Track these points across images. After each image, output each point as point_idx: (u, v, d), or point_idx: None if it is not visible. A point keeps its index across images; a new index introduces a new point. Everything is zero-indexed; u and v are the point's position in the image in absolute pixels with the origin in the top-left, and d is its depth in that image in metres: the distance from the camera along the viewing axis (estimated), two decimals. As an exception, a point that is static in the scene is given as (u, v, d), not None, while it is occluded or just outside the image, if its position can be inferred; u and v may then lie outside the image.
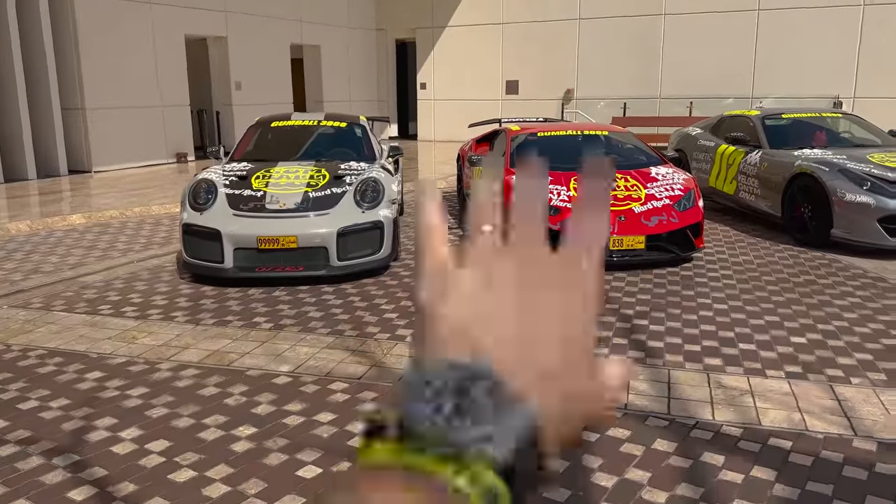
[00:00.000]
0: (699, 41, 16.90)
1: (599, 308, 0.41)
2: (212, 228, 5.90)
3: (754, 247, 7.30)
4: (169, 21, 14.47)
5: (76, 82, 13.01)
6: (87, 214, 9.01)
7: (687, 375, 4.07)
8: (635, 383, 3.95)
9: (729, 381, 3.99)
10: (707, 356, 4.35)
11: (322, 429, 3.45)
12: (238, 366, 4.26)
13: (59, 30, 12.81)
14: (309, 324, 5.01)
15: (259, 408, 3.69)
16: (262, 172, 6.60)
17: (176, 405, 3.74)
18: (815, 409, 3.64)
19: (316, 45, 18.68)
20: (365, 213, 6.13)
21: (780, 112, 8.90)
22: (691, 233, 6.52)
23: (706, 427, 3.46)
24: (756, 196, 8.17)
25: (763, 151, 8.16)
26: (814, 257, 6.82)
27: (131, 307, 5.45)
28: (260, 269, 5.89)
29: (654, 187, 6.72)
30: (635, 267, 6.44)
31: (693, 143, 9.77)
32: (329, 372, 4.14)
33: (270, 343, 4.64)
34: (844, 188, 6.83)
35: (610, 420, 0.44)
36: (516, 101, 19.10)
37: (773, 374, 4.07)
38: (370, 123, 9.86)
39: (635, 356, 4.36)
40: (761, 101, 16.08)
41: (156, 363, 4.33)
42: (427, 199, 0.44)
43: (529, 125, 8.42)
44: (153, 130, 14.44)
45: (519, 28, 18.84)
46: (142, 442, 3.36)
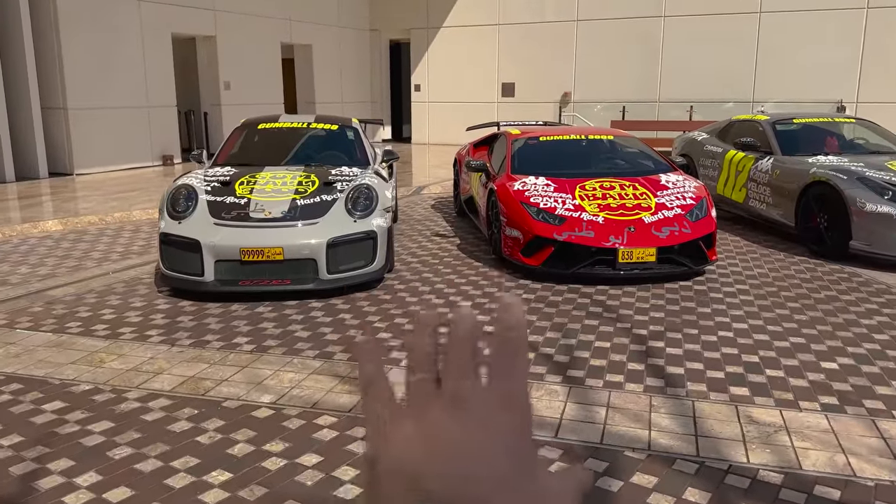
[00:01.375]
0: (699, 43, 16.56)
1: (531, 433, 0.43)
2: (191, 239, 5.47)
3: (768, 258, 6.92)
4: (156, 19, 14.02)
5: (58, 81, 12.54)
6: (63, 220, 8.56)
7: (713, 408, 3.67)
8: (657, 417, 3.55)
9: (760, 414, 3.60)
10: (732, 384, 3.96)
11: (306, 475, 3.03)
12: (214, 395, 3.84)
13: (39, 26, 12.34)
14: (295, 345, 4.59)
15: (235, 447, 3.27)
16: (247, 178, 6.17)
17: (142, 444, 3.31)
18: (861, 449, 3.25)
19: (307, 45, 18.25)
20: (357, 223, 5.71)
21: (790, 117, 8.54)
22: (704, 244, 6.14)
23: (741, 472, 3.06)
24: (767, 205, 7.79)
25: (775, 158, 7.79)
26: (832, 270, 6.44)
27: (102, 325, 5.01)
28: (243, 282, 5.46)
29: (664, 196, 6.34)
30: (645, 280, 6.05)
31: (699, 148, 9.39)
32: (316, 403, 3.72)
33: (251, 368, 4.21)
34: (864, 197, 6.46)
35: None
36: (512, 104, 18.73)
37: (808, 407, 3.67)
38: (363, 126, 9.47)
39: (654, 384, 3.96)
40: (762, 105, 15.75)
41: (123, 391, 3.90)
42: (364, 357, 0.46)
43: (530, 129, 8.03)
44: (138, 132, 13.98)
45: (515, 29, 18.47)
46: (100, 490, 2.93)
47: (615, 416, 3.58)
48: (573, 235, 5.90)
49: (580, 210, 6.08)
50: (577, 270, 5.91)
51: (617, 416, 3.57)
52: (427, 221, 8.92)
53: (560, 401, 3.75)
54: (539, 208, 6.13)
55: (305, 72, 18.62)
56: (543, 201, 6.19)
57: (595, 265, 5.92)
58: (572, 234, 5.91)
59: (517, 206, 6.24)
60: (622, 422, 3.51)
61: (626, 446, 3.27)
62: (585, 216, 6.02)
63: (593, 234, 5.89)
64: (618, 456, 3.19)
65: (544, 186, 6.43)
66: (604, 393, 3.85)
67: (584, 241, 5.88)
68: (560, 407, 3.67)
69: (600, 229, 5.91)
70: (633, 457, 3.18)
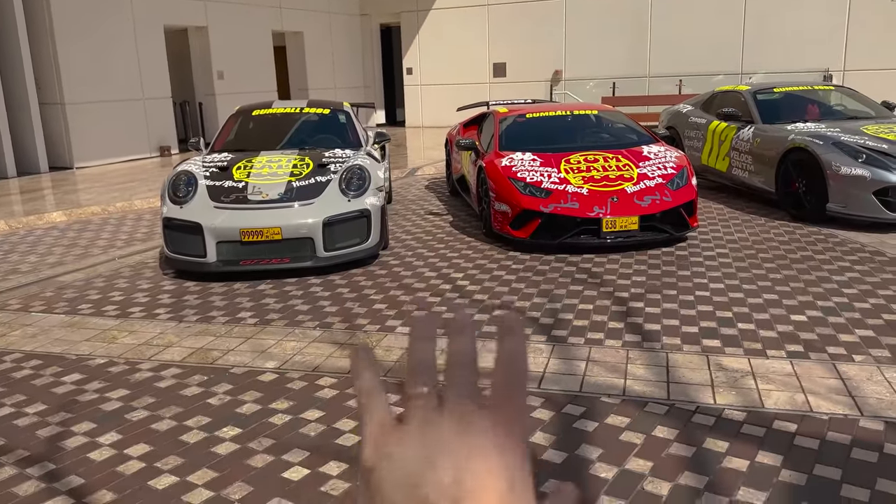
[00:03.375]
0: (687, 17, 16.71)
1: (527, 453, 0.44)
2: (193, 222, 5.73)
3: (749, 224, 7.18)
4: (148, 11, 14.19)
5: (54, 77, 12.74)
6: (67, 211, 8.81)
7: (685, 358, 3.95)
8: (633, 368, 3.82)
9: (729, 362, 3.87)
10: (705, 338, 4.23)
11: (309, 427, 3.31)
12: (222, 363, 4.11)
13: (33, 23, 12.53)
14: (296, 317, 4.86)
15: (244, 407, 3.55)
16: (244, 162, 6.42)
17: (157, 407, 3.59)
18: (819, 389, 3.52)
19: (298, 32, 18.40)
20: (351, 202, 5.96)
21: (771, 86, 8.76)
22: (685, 212, 6.39)
23: (708, 412, 3.34)
24: (749, 172, 8.04)
25: (755, 127, 8.02)
26: (810, 233, 6.70)
27: (112, 306, 5.29)
28: (244, 262, 5.72)
29: (646, 166, 6.58)
30: (629, 248, 6.31)
31: (684, 120, 9.62)
32: (317, 367, 4.00)
33: (256, 339, 4.49)
34: (839, 161, 6.70)
35: None
36: (504, 84, 18.90)
37: (774, 355, 3.95)
38: (355, 110, 9.69)
39: (632, 340, 4.24)
40: (751, 76, 15.93)
41: (136, 363, 4.17)
42: (361, 366, 0.46)
43: (517, 107, 8.25)
44: (135, 124, 14.20)
45: (505, 9, 18.60)
46: (121, 447, 3.21)
47: (594, 368, 3.85)
48: (559, 207, 6.16)
49: (565, 183, 6.33)
50: (564, 240, 6.17)
51: (595, 369, 3.84)
52: (421, 201, 9.16)
53: (544, 357, 4.02)
54: (526, 182, 6.37)
55: (297, 59, 18.78)
56: (530, 176, 6.43)
57: (580, 235, 6.18)
58: (558, 205, 6.16)
59: (505, 181, 6.49)
60: (600, 373, 3.79)
61: (602, 393, 3.55)
62: (570, 188, 6.27)
63: (578, 205, 6.14)
64: (594, 402, 3.46)
65: (531, 161, 6.67)
66: (584, 349, 4.12)
67: (570, 212, 6.13)
68: (543, 362, 3.95)
69: (585, 200, 6.16)
70: (608, 402, 3.46)
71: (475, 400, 0.44)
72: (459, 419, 0.43)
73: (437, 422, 0.43)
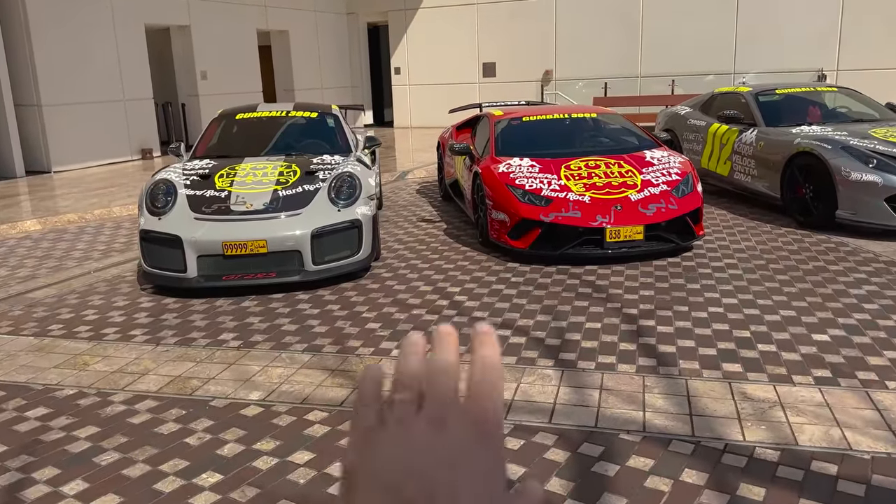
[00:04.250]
0: (679, 15, 16.47)
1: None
2: (172, 235, 5.37)
3: (755, 231, 6.91)
4: (128, 10, 13.76)
5: (30, 77, 12.30)
6: (42, 219, 8.41)
7: (706, 386, 3.65)
8: (651, 398, 3.52)
9: (754, 390, 3.58)
10: (725, 361, 3.94)
11: (298, 473, 2.98)
12: (202, 394, 3.77)
13: (8, 22, 12.08)
14: (283, 339, 4.52)
15: (225, 448, 3.21)
16: (227, 170, 6.07)
17: (129, 448, 3.25)
18: (856, 422, 3.23)
19: (283, 31, 18.00)
20: (341, 212, 5.63)
21: (773, 88, 8.50)
22: (691, 220, 6.11)
23: (738, 450, 3.04)
24: (753, 177, 7.77)
25: (759, 130, 7.76)
26: (819, 241, 6.44)
27: (85, 326, 4.92)
28: (227, 277, 5.37)
29: (649, 172, 6.29)
30: (633, 259, 6.02)
31: (683, 122, 9.35)
32: (306, 398, 3.66)
33: (239, 364, 4.15)
34: (849, 166, 6.44)
35: None
36: (494, 85, 18.60)
37: (801, 381, 3.66)
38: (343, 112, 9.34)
39: (646, 364, 3.93)
40: (744, 76, 15.72)
41: (109, 394, 3.82)
42: (367, 385, 0.47)
43: (512, 109, 7.94)
44: (115, 126, 13.77)
45: (494, 8, 18.29)
46: (87, 498, 2.87)
47: (609, 398, 3.55)
48: (560, 216, 5.85)
49: (566, 190, 6.02)
50: (566, 251, 5.87)
51: (611, 399, 3.54)
52: (412, 207, 8.84)
53: (553, 385, 3.71)
54: (525, 190, 6.06)
55: (283, 58, 18.38)
56: (529, 183, 6.13)
57: (583, 245, 5.88)
58: (559, 214, 5.86)
59: (503, 188, 6.17)
60: (616, 404, 3.48)
61: (621, 429, 3.24)
62: (572, 196, 5.96)
63: (580, 214, 5.84)
64: (613, 439, 3.15)
65: (529, 167, 6.37)
66: (596, 375, 3.81)
67: (572, 221, 5.82)
68: (553, 391, 3.64)
69: (587, 209, 5.86)
70: (628, 439, 3.15)
71: (453, 402, 0.45)
72: (436, 419, 0.44)
73: (414, 423, 0.44)
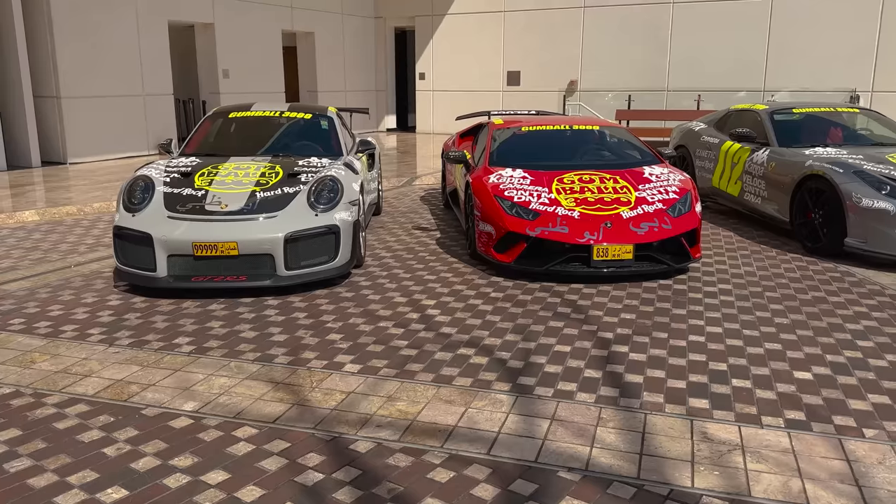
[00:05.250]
0: (709, 30, 16.09)
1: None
2: (142, 232, 5.25)
3: (758, 256, 6.58)
4: (152, 6, 13.84)
5: (50, 69, 12.41)
6: (40, 211, 8.40)
7: (666, 422, 3.38)
8: (603, 432, 3.27)
9: (716, 430, 3.30)
10: (693, 396, 3.67)
11: (206, 495, 2.80)
12: (136, 401, 3.61)
13: (31, 14, 12.21)
14: (237, 346, 4.36)
15: (140, 462, 3.04)
16: (209, 169, 5.94)
17: (44, 455, 3.09)
18: (820, 473, 2.95)
19: (309, 32, 17.99)
20: (319, 217, 5.46)
21: (790, 106, 8.15)
22: (686, 241, 5.82)
23: (682, 498, 2.78)
24: (763, 199, 7.44)
25: (771, 150, 7.43)
26: (825, 269, 6.10)
27: (46, 322, 4.82)
28: (196, 278, 5.23)
29: (645, 189, 6.02)
30: (623, 279, 5.75)
31: (696, 139, 9.03)
32: (240, 412, 3.48)
33: (184, 371, 3.99)
34: (860, 192, 6.09)
35: None
36: (518, 93, 18.38)
37: (770, 423, 3.38)
38: (349, 115, 9.22)
39: (608, 394, 3.68)
40: (773, 94, 15.29)
41: (44, 396, 3.69)
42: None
43: (515, 118, 7.72)
44: (134, 120, 13.84)
45: (521, 16, 18.08)
46: (-17, 508, 2.72)
47: (558, 430, 3.31)
48: (546, 231, 5.61)
49: (555, 204, 5.78)
50: (551, 268, 5.62)
51: (560, 431, 3.30)
52: (412, 214, 8.65)
53: (502, 412, 3.48)
54: (513, 202, 5.84)
55: (308, 60, 18.37)
56: (518, 195, 5.90)
57: (569, 262, 5.63)
58: (545, 229, 5.62)
59: (491, 199, 5.96)
60: (564, 437, 3.24)
61: (561, 465, 3.00)
62: (561, 211, 5.72)
63: (567, 229, 5.59)
64: (550, 477, 2.91)
65: (521, 179, 6.14)
66: (551, 404, 3.57)
67: (558, 236, 5.58)
68: (501, 419, 3.41)
69: (575, 225, 5.61)
70: (566, 478, 2.91)
71: None
72: None
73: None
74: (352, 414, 3.46)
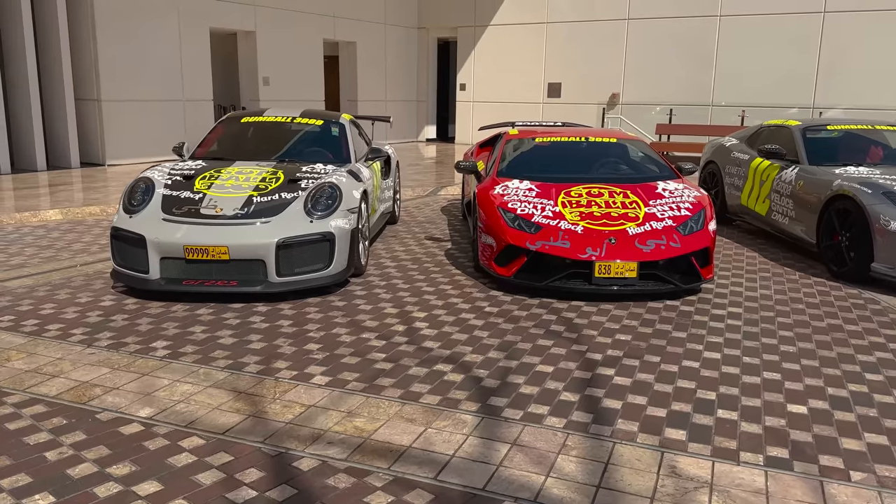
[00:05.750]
0: (756, 45, 15.60)
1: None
2: (137, 234, 5.25)
3: (779, 279, 6.24)
4: (195, 13, 14.09)
5: (92, 73, 12.72)
6: (64, 210, 8.56)
7: (634, 453, 3.16)
8: (563, 461, 3.07)
9: (687, 465, 3.07)
10: (672, 426, 3.43)
11: (130, 506, 2.70)
12: (95, 405, 3.56)
13: (76, 18, 12.55)
14: (213, 352, 4.28)
15: (78, 468, 2.96)
16: (212, 172, 5.93)
17: (-14, 456, 3.05)
18: (792, 518, 2.70)
19: (351, 42, 18.11)
20: (314, 223, 5.37)
21: (824, 123, 7.75)
22: (697, 260, 5.54)
23: (632, 538, 2.56)
24: (790, 219, 7.08)
25: (800, 168, 7.07)
26: (847, 295, 5.74)
27: (34, 320, 4.84)
28: (187, 282, 5.20)
29: (656, 205, 5.77)
30: (627, 298, 5.51)
31: (726, 154, 8.69)
32: (192, 422, 3.39)
33: (152, 376, 3.93)
34: (889, 214, 5.72)
35: None
36: (558, 105, 18.14)
37: (749, 460, 3.12)
38: (371, 123, 9.16)
39: (580, 420, 3.47)
40: (821, 112, 14.71)
41: (6, 395, 3.67)
42: None
43: (530, 129, 7.53)
44: (173, 124, 14.08)
45: (563, 28, 17.86)
46: None
47: (516, 456, 3.11)
48: (547, 245, 5.41)
49: (559, 218, 5.58)
50: (550, 283, 5.42)
51: (518, 457, 3.10)
52: (428, 224, 8.53)
53: (462, 434, 3.31)
54: (516, 214, 5.66)
55: (349, 69, 18.49)
56: (521, 207, 5.72)
57: (570, 279, 5.41)
58: (546, 243, 5.42)
59: (494, 211, 5.79)
60: (520, 464, 3.05)
61: (509, 495, 2.81)
62: (564, 225, 5.51)
63: (569, 244, 5.38)
64: (493, 507, 2.73)
65: (526, 191, 5.96)
66: (516, 427, 3.38)
67: (559, 251, 5.37)
68: (459, 441, 3.23)
69: (577, 240, 5.40)
70: (510, 509, 2.72)
71: None
72: None
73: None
74: (305, 429, 3.33)
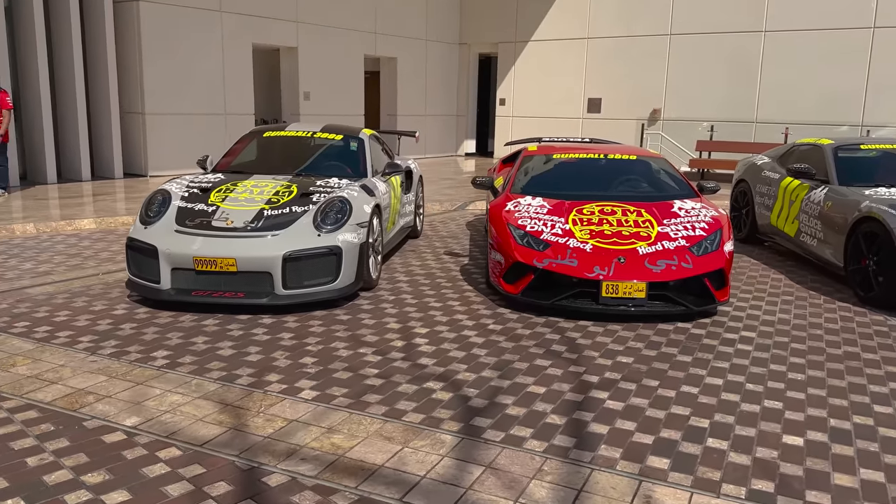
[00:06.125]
0: (802, 61, 15.22)
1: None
2: (150, 245, 5.37)
3: (802, 303, 6.03)
4: (238, 30, 14.44)
5: (138, 87, 13.13)
6: (99, 220, 8.82)
7: (610, 481, 3.07)
8: (535, 486, 3.00)
9: (662, 496, 2.97)
10: (656, 454, 3.32)
11: (95, 515, 2.74)
12: (85, 412, 3.63)
13: (122, 35, 12.99)
14: (209, 363, 4.34)
15: (55, 475, 3.03)
16: (228, 185, 6.04)
17: (-29, 459, 3.14)
18: (764, 557, 2.58)
19: (392, 58, 18.31)
20: (321, 237, 5.42)
21: (858, 143, 7.49)
22: (712, 282, 5.39)
23: (591, 570, 2.49)
24: (818, 241, 6.84)
25: (829, 188, 6.84)
26: (872, 321, 5.51)
27: (46, 327, 4.98)
28: (196, 292, 5.29)
29: (670, 224, 5.64)
30: (636, 319, 5.39)
31: (757, 173, 8.46)
32: (174, 433, 3.43)
33: (146, 385, 3.99)
34: (917, 238, 5.48)
35: None
36: (598, 121, 17.98)
37: (729, 493, 3.00)
38: (398, 138, 9.23)
39: (561, 444, 3.39)
40: (868, 130, 14.25)
41: (3, 400, 3.77)
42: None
43: (549, 146, 7.47)
44: (214, 138, 14.41)
45: (605, 43, 17.73)
46: None
47: (488, 479, 3.06)
48: (554, 263, 5.34)
49: (568, 236, 5.50)
50: (556, 303, 5.34)
51: (489, 481, 3.05)
52: (449, 239, 8.52)
53: (438, 454, 3.27)
54: (525, 232, 5.60)
55: (390, 84, 18.69)
56: (531, 224, 5.66)
57: (577, 298, 5.32)
58: (554, 261, 5.35)
59: (504, 227, 5.75)
60: (491, 488, 2.99)
61: (472, 520, 2.76)
62: (573, 243, 5.44)
63: (577, 262, 5.30)
64: (453, 531, 2.68)
65: (538, 208, 5.90)
66: (494, 450, 3.33)
67: (566, 270, 5.29)
68: (433, 462, 3.19)
69: (586, 258, 5.31)
70: (470, 534, 2.67)
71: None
72: None
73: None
74: (282, 444, 3.34)
